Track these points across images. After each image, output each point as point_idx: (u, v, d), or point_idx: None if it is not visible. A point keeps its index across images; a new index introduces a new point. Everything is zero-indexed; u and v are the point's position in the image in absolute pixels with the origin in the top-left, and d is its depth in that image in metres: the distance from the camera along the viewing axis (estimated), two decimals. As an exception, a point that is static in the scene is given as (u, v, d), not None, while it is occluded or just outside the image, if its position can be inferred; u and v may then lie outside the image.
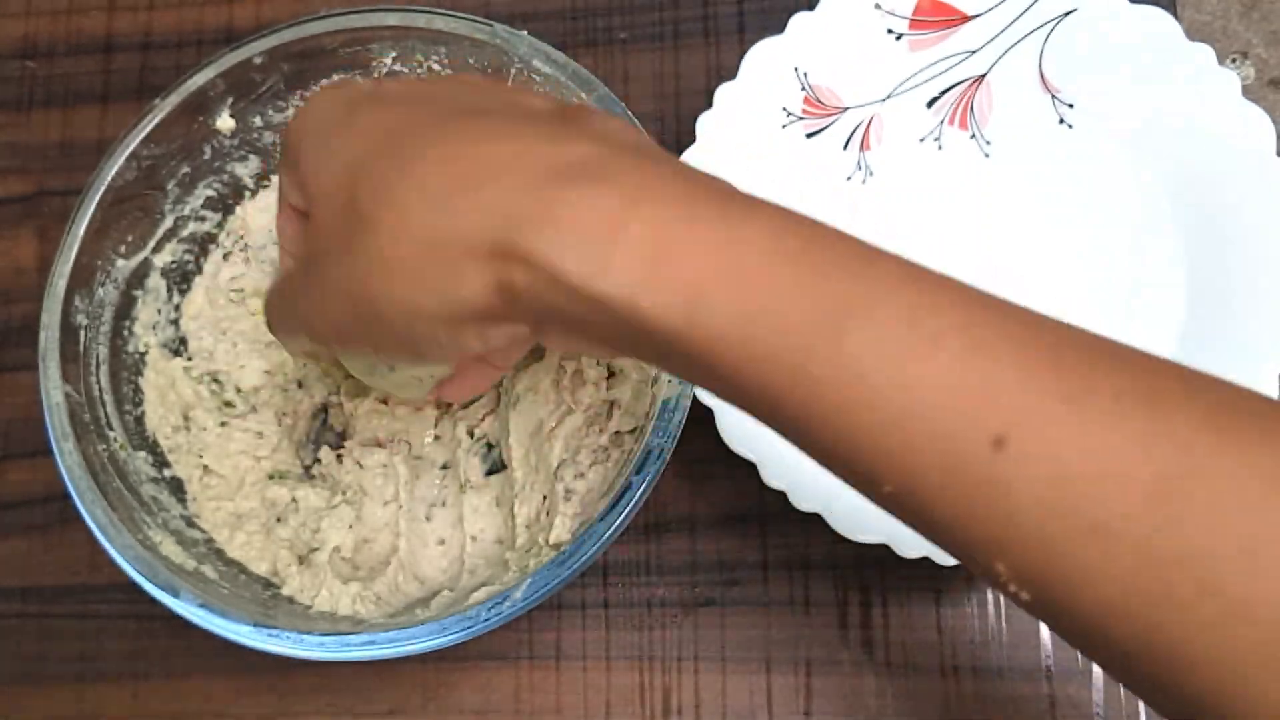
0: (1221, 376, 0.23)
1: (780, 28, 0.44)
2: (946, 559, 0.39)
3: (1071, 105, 0.45)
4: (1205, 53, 0.42)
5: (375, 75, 0.42)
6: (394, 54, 0.42)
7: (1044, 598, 0.22)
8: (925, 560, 0.39)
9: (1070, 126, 0.45)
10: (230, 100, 0.42)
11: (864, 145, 0.45)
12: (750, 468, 0.40)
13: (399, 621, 0.38)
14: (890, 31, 0.45)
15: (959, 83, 0.45)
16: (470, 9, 0.42)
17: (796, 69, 0.44)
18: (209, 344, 0.43)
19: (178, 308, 0.44)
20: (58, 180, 0.50)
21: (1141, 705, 0.42)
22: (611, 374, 0.40)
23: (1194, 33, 0.43)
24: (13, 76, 0.51)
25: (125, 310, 0.42)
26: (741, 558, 0.44)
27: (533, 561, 0.39)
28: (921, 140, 0.45)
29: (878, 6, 0.44)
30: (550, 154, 0.24)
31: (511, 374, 0.41)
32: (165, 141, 0.40)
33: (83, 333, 0.40)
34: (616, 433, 0.40)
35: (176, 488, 0.41)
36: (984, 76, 0.45)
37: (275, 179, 0.44)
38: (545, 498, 0.39)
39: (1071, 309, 0.43)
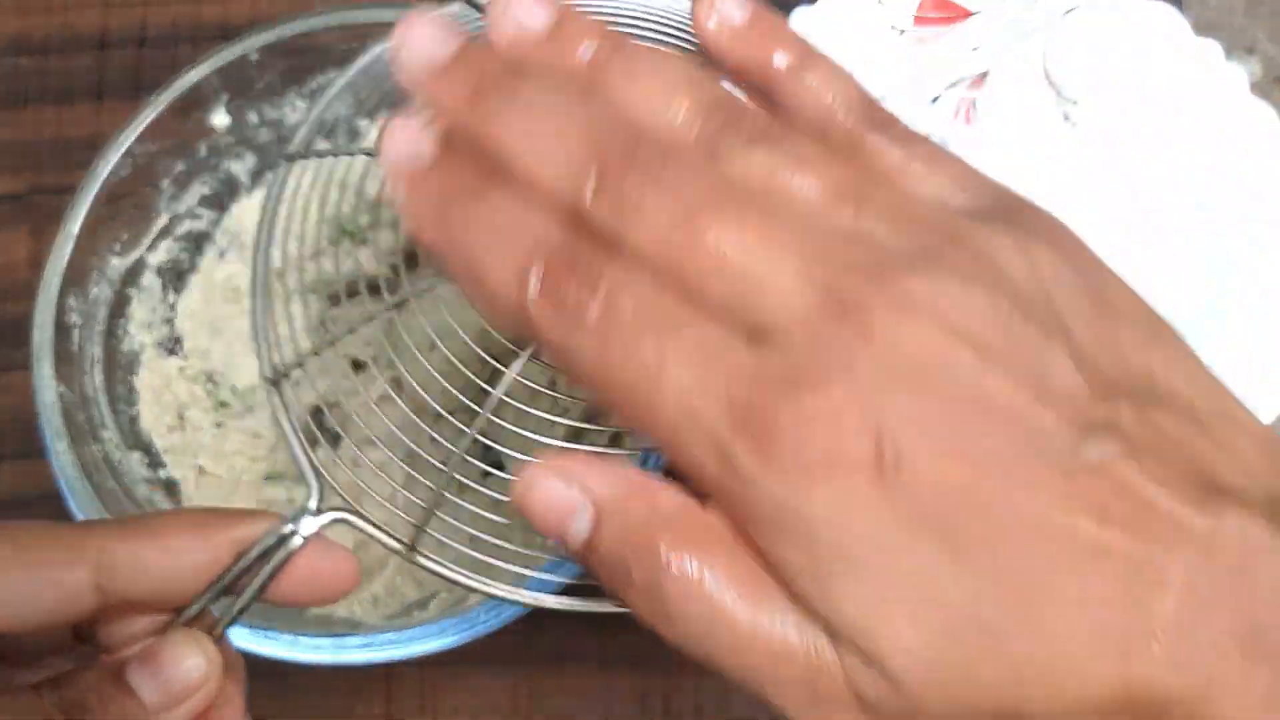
0: (1228, 375, 0.23)
1: (781, 23, 0.44)
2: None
3: (1076, 102, 0.44)
4: (1212, 48, 0.42)
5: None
6: (391, 50, 0.41)
7: None
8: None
9: (1074, 124, 0.44)
10: (226, 97, 0.41)
11: (866, 142, 0.45)
12: (751, 468, 0.40)
13: (396, 624, 0.38)
14: (893, 27, 0.44)
15: (962, 79, 0.45)
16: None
17: (798, 65, 0.44)
18: (204, 343, 0.43)
19: (173, 306, 0.43)
20: (51, 178, 0.50)
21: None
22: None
23: (1200, 28, 0.43)
24: (6, 73, 0.51)
25: (119, 309, 0.42)
26: (742, 559, 0.44)
27: (531, 563, 0.39)
28: (924, 137, 0.45)
29: (880, 2, 0.44)
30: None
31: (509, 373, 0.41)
32: (160, 138, 0.40)
33: (76, 332, 0.39)
34: (616, 433, 0.39)
35: (171, 488, 0.41)
36: (987, 73, 0.45)
37: (271, 175, 0.43)
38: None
39: (1076, 307, 0.43)
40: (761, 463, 0.19)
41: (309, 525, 0.25)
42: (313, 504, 0.25)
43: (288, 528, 0.24)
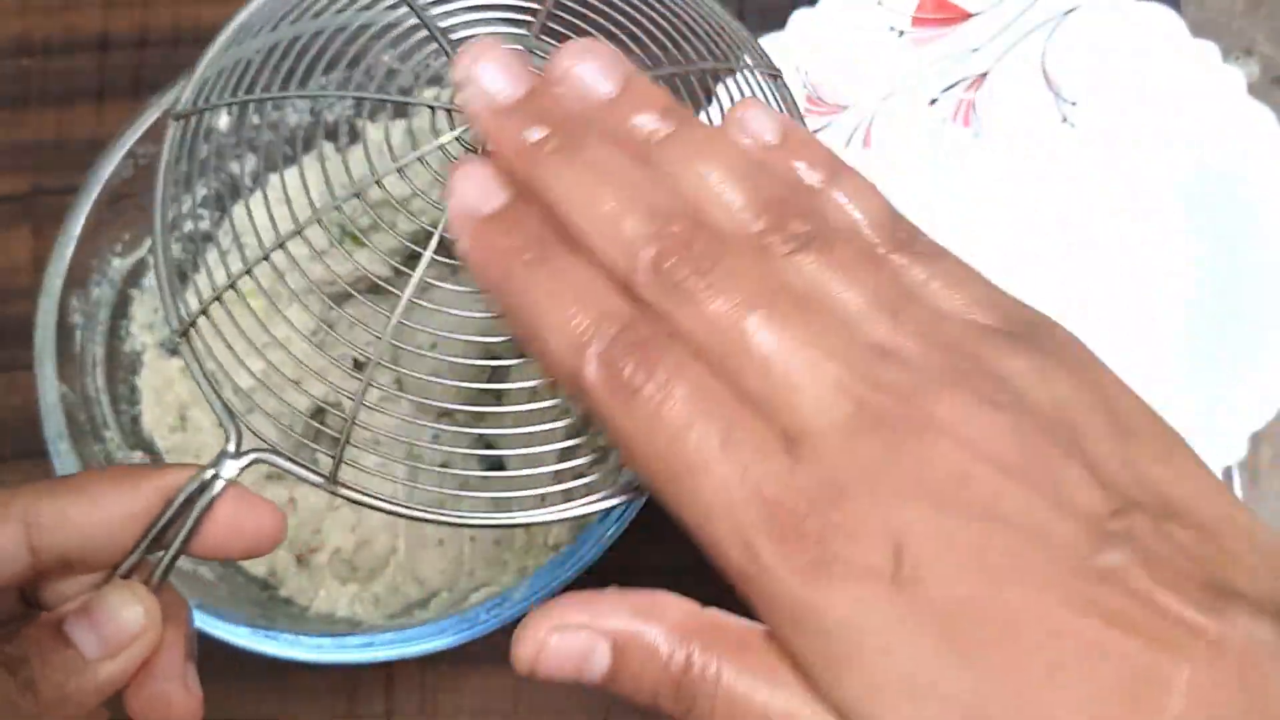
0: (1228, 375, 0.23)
1: (780, 25, 0.44)
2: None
3: (1074, 103, 0.44)
4: (1210, 50, 0.42)
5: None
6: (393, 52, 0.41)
7: None
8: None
9: (1073, 125, 0.44)
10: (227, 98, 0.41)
11: (865, 143, 0.45)
12: (751, 468, 0.40)
13: (397, 623, 0.38)
14: (892, 29, 0.44)
15: (961, 80, 0.45)
16: (469, 6, 0.42)
17: (797, 67, 0.44)
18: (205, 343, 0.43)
19: (174, 307, 0.43)
20: (53, 178, 0.50)
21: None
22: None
23: (1198, 29, 0.43)
24: (7, 74, 0.51)
25: (121, 309, 0.42)
26: (742, 558, 0.44)
27: (532, 562, 0.39)
28: (922, 139, 0.45)
29: (880, 3, 0.44)
30: None
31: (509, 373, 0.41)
32: (161, 139, 0.40)
33: (78, 332, 0.39)
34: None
35: (173, 488, 0.41)
36: (986, 74, 0.45)
37: (273, 177, 0.43)
38: (544, 498, 0.39)
39: (1077, 309, 0.43)
40: (785, 562, 0.20)
41: (229, 468, 0.25)
42: (231, 446, 0.25)
43: (209, 473, 0.25)
